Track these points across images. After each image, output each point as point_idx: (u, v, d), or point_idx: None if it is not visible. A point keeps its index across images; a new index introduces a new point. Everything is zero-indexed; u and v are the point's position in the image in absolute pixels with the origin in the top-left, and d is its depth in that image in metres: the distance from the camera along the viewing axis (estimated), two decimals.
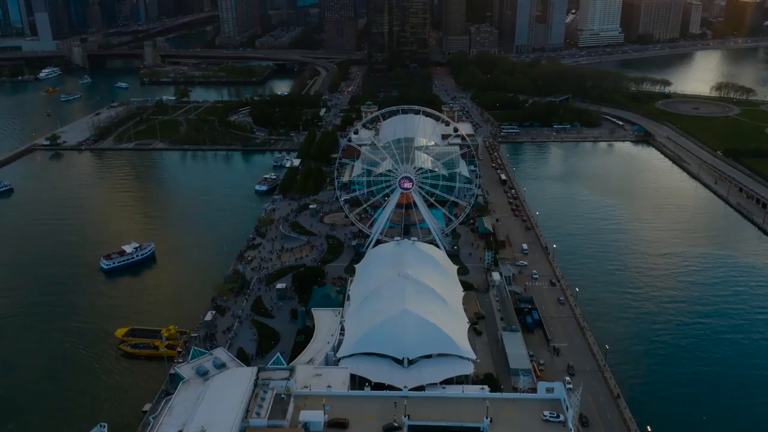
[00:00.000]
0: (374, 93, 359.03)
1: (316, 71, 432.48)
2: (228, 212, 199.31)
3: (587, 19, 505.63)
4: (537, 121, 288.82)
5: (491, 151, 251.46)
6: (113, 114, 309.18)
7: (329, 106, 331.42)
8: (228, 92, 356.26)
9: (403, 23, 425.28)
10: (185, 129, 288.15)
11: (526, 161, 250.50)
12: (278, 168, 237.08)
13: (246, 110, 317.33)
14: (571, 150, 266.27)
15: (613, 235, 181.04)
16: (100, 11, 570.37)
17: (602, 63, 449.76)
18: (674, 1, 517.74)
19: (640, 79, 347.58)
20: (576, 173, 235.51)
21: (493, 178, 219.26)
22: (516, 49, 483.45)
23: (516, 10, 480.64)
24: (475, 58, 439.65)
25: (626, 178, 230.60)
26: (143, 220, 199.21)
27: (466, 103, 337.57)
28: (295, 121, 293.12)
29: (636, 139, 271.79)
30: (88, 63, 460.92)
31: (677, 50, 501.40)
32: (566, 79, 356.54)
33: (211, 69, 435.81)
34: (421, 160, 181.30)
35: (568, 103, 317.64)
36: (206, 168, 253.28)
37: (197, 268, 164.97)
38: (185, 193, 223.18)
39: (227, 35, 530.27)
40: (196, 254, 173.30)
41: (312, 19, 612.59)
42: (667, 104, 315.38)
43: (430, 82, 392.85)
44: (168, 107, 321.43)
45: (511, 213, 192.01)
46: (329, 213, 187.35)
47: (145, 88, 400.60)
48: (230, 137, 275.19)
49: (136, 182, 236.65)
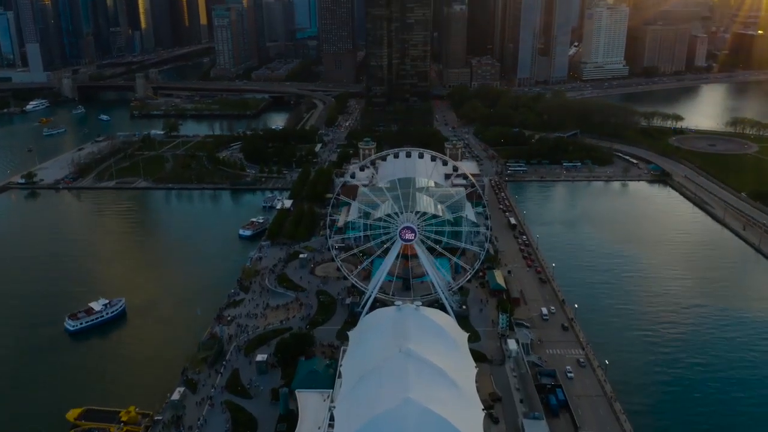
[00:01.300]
0: (373, 127, 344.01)
1: (313, 104, 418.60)
2: (209, 261, 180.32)
3: (591, 51, 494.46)
4: (545, 159, 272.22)
5: (497, 191, 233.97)
6: (96, 150, 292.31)
7: (325, 141, 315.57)
8: (220, 126, 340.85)
9: (403, 56, 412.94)
10: (171, 166, 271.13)
11: (536, 202, 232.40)
12: (268, 210, 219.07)
13: (237, 145, 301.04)
14: (584, 190, 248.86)
15: (637, 289, 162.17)
16: (93, 42, 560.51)
17: (608, 96, 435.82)
18: (679, 34, 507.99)
19: (650, 114, 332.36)
20: (591, 216, 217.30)
21: (501, 221, 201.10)
22: (518, 81, 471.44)
23: (518, 42, 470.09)
24: (477, 91, 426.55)
25: (646, 222, 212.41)
26: (116, 269, 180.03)
27: (468, 138, 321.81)
28: (289, 157, 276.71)
29: (652, 178, 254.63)
30: (77, 95, 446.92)
31: (684, 83, 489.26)
32: (573, 114, 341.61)
33: (204, 102, 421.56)
34: (423, 203, 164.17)
35: (576, 139, 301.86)
36: (190, 209, 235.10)
37: (170, 329, 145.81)
38: (164, 238, 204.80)
39: (222, 67, 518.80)
40: (171, 311, 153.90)
41: (310, 51, 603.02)
42: (681, 140, 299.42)
43: (430, 115, 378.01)
44: (155, 142, 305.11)
45: (524, 262, 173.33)
46: (321, 263, 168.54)
47: (135, 121, 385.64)
48: (219, 175, 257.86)
49: (113, 225, 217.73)
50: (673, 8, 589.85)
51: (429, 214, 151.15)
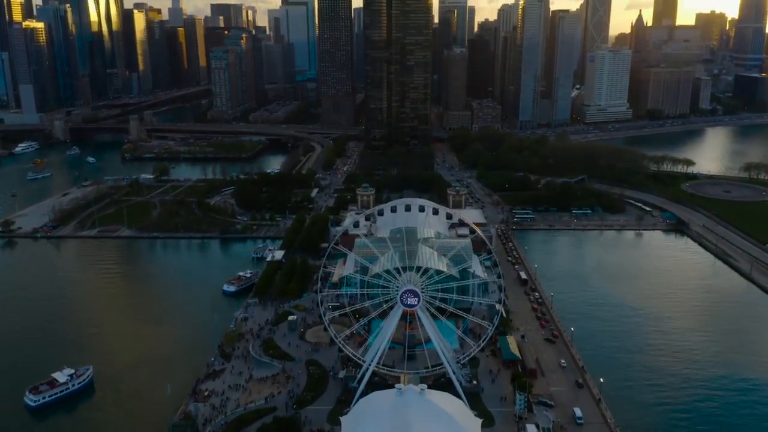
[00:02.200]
0: (372, 171, 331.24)
1: (311, 147, 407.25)
2: (190, 321, 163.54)
3: (593, 94, 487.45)
4: (552, 205, 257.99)
5: (504, 241, 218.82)
6: (80, 195, 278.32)
7: (322, 186, 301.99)
8: (213, 170, 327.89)
9: (403, 98, 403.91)
10: (158, 212, 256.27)
11: (546, 254, 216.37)
12: (258, 261, 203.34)
13: (230, 190, 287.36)
14: (596, 240, 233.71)
15: (666, 357, 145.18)
16: (89, 84, 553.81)
17: (613, 139, 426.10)
18: (683, 76, 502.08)
19: (659, 159, 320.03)
20: (607, 270, 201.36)
21: (511, 275, 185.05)
22: (520, 124, 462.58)
23: (519, 85, 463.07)
24: (479, 134, 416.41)
25: (665, 276, 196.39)
26: (87, 331, 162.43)
27: (471, 182, 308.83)
28: (283, 203, 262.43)
29: (668, 227, 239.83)
30: (69, 137, 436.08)
31: (690, 126, 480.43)
32: (578, 158, 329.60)
33: (199, 144, 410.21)
34: (426, 257, 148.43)
35: (584, 185, 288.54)
36: (175, 260, 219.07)
37: (142, 403, 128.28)
38: (142, 294, 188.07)
39: (220, 109, 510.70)
40: (143, 382, 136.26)
41: (309, 94, 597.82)
42: (694, 186, 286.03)
43: (431, 159, 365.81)
44: (143, 187, 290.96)
45: (537, 324, 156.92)
46: (313, 326, 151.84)
47: (126, 164, 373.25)
48: (208, 222, 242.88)
49: (89, 279, 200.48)
50: (674, 51, 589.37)
51: (432, 270, 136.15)
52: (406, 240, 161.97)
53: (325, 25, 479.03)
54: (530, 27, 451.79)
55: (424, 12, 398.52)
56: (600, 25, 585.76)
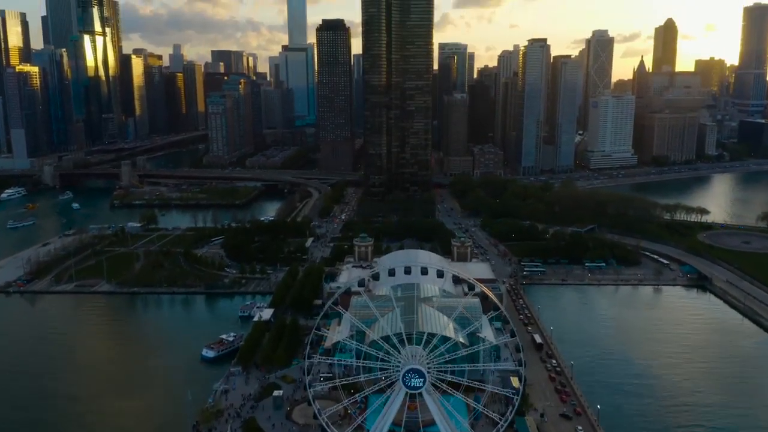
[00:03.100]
0: (371, 218, 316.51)
1: (308, 193, 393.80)
2: (163, 393, 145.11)
3: (597, 140, 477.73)
4: (563, 257, 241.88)
5: (515, 298, 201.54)
6: (61, 246, 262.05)
7: (318, 235, 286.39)
8: (204, 217, 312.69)
9: (403, 144, 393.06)
10: (141, 264, 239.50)
11: (560, 312, 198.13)
12: (244, 321, 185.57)
13: (220, 240, 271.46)
14: (612, 296, 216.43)
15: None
16: (84, 129, 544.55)
17: (619, 186, 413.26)
18: (687, 122, 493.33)
19: (672, 207, 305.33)
20: (627, 331, 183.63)
21: (524, 338, 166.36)
22: (523, 170, 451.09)
23: (521, 130, 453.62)
24: (481, 180, 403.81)
25: (691, 338, 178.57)
26: (50, 404, 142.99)
27: (475, 231, 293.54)
28: (276, 254, 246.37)
29: (689, 282, 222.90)
30: (59, 182, 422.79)
31: (697, 173, 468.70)
32: (586, 205, 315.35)
33: (192, 191, 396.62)
34: (429, 321, 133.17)
35: (596, 234, 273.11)
36: (154, 319, 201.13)
37: None
38: (114, 360, 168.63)
39: (215, 154, 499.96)
40: None
41: (308, 139, 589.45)
42: (711, 237, 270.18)
43: (432, 206, 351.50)
44: (128, 236, 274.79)
45: (557, 398, 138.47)
46: (302, 402, 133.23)
47: (115, 211, 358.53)
48: (194, 275, 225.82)
49: (60, 341, 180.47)
50: (676, 97, 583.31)
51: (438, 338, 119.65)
52: (408, 299, 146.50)
53: (324, 71, 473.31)
54: (532, 72, 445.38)
55: (425, 57, 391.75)
56: (602, 71, 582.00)
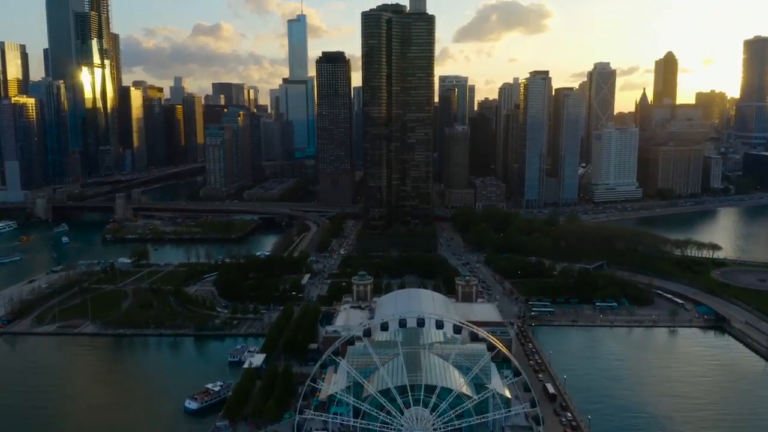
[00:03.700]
0: (370, 252, 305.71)
1: (306, 226, 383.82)
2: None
3: (601, 173, 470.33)
4: (572, 295, 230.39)
5: (523, 341, 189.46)
6: (46, 283, 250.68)
7: (315, 271, 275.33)
8: (197, 252, 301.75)
9: (403, 176, 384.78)
10: (129, 303, 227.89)
11: (572, 358, 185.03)
12: (234, 366, 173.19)
13: (212, 276, 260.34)
14: (626, 338, 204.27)
15: None
16: (80, 160, 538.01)
17: (625, 220, 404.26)
18: (692, 155, 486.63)
19: (683, 243, 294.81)
20: (645, 379, 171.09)
21: (535, 387, 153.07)
22: (526, 203, 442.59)
23: (523, 163, 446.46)
24: (484, 213, 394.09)
25: (714, 387, 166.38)
26: None
27: (478, 267, 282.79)
28: (270, 292, 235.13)
29: (706, 324, 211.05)
30: (52, 215, 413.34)
31: (703, 206, 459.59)
32: (593, 240, 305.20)
33: (187, 224, 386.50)
34: (433, 371, 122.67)
35: (605, 271, 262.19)
36: (139, 363, 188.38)
37: None
38: (94, 410, 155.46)
39: (213, 186, 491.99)
40: None
41: (308, 171, 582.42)
42: (725, 274, 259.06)
43: (434, 240, 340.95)
44: (117, 274, 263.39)
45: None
46: None
47: (107, 246, 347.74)
48: (183, 316, 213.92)
49: (39, 388, 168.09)
50: (678, 129, 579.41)
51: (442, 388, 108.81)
52: (410, 345, 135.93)
53: (324, 103, 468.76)
54: (534, 105, 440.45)
55: (425, 89, 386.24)
56: (604, 103, 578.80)
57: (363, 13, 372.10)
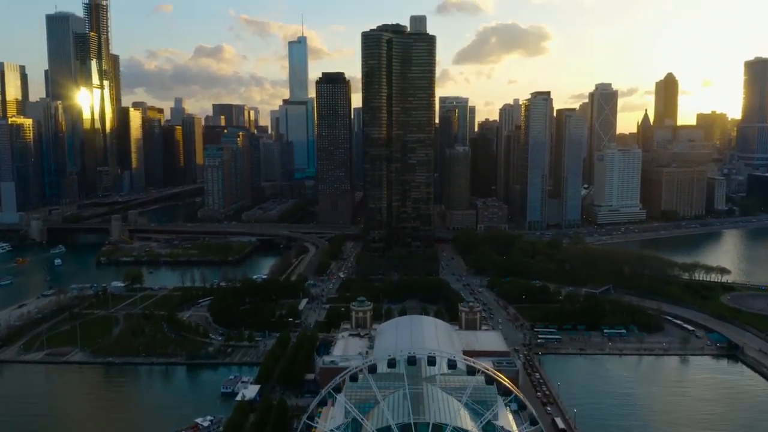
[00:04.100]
0: (370, 276, 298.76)
1: (305, 248, 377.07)
2: None
3: (604, 194, 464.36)
4: (579, 322, 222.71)
5: (530, 371, 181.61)
6: (36, 308, 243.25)
7: (313, 295, 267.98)
8: (192, 276, 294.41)
9: (404, 198, 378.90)
10: (120, 330, 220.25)
11: (581, 389, 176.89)
12: (227, 397, 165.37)
13: (207, 301, 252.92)
14: (635, 367, 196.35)
15: None
16: (77, 181, 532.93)
17: (629, 242, 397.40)
18: (696, 176, 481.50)
19: (690, 266, 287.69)
20: (657, 411, 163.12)
21: (543, 420, 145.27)
22: (528, 225, 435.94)
23: (525, 184, 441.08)
24: (486, 235, 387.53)
25: (729, 418, 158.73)
26: None
27: (482, 292, 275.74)
28: (266, 318, 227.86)
29: (718, 352, 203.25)
30: (47, 237, 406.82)
31: (708, 228, 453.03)
32: (599, 264, 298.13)
33: (183, 246, 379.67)
34: (437, 407, 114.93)
35: (612, 296, 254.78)
36: (127, 394, 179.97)
37: None
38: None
39: (211, 208, 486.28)
40: None
41: (308, 192, 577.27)
42: (736, 299, 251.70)
43: (436, 263, 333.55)
44: (110, 298, 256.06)
45: None
46: None
47: (101, 269, 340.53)
48: (175, 343, 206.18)
49: (21, 421, 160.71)
50: (681, 150, 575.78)
51: (450, 428, 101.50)
52: (412, 378, 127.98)
53: (324, 123, 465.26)
54: (535, 125, 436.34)
55: (426, 109, 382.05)
56: (606, 124, 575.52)
57: (363, 33, 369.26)
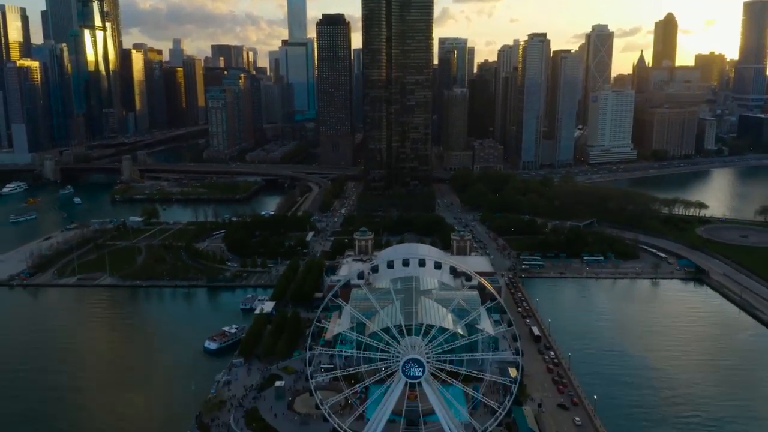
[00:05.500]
0: (371, 212, 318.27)
1: (308, 188, 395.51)
2: (167, 384, 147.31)
3: (597, 135, 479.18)
4: (562, 251, 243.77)
5: (513, 291, 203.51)
6: (63, 239, 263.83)
7: (318, 229, 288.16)
8: (205, 212, 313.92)
9: (403, 138, 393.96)
10: (143, 258, 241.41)
11: (559, 306, 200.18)
12: (246, 313, 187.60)
13: (221, 234, 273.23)
14: (610, 289, 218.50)
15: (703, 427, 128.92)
16: (84, 123, 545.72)
17: (618, 181, 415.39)
18: (687, 117, 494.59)
19: (671, 201, 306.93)
20: (625, 324, 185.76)
21: (522, 331, 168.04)
22: (523, 165, 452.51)
23: (521, 125, 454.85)
24: (481, 174, 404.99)
25: (688, 331, 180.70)
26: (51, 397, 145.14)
27: (474, 225, 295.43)
28: (276, 248, 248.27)
29: (686, 276, 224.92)
30: (60, 177, 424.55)
31: (697, 167, 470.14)
32: (586, 200, 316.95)
33: (192, 185, 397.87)
34: (428, 313, 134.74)
35: (594, 229, 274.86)
36: (157, 311, 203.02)
37: None
38: (118, 352, 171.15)
39: (216, 149, 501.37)
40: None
41: (308, 133, 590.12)
42: (709, 231, 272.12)
43: (432, 200, 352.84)
44: (129, 231, 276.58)
45: (555, 389, 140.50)
46: (303, 392, 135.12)
47: (116, 206, 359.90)
48: (195, 269, 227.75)
49: (60, 335, 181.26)
50: (676, 91, 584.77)
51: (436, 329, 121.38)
52: (407, 292, 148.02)
53: (324, 65, 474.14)
54: (531, 67, 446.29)
55: (425, 51, 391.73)
56: (602, 65, 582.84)
57: None
